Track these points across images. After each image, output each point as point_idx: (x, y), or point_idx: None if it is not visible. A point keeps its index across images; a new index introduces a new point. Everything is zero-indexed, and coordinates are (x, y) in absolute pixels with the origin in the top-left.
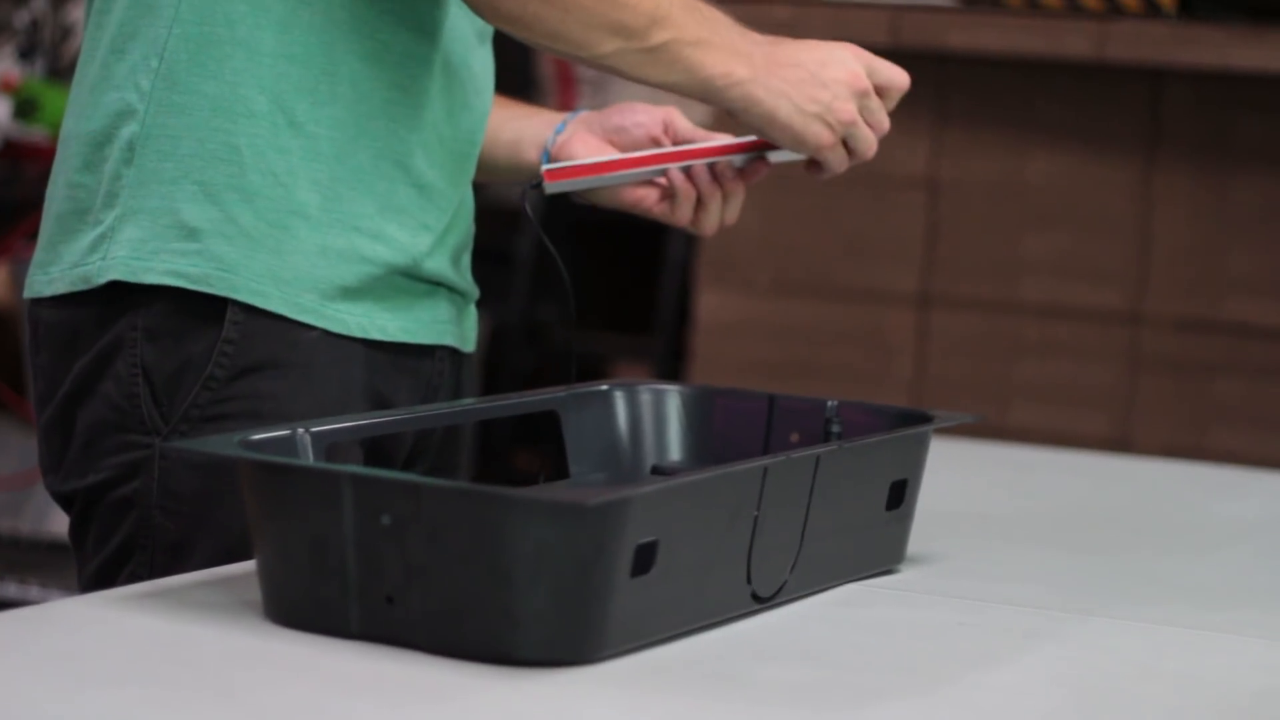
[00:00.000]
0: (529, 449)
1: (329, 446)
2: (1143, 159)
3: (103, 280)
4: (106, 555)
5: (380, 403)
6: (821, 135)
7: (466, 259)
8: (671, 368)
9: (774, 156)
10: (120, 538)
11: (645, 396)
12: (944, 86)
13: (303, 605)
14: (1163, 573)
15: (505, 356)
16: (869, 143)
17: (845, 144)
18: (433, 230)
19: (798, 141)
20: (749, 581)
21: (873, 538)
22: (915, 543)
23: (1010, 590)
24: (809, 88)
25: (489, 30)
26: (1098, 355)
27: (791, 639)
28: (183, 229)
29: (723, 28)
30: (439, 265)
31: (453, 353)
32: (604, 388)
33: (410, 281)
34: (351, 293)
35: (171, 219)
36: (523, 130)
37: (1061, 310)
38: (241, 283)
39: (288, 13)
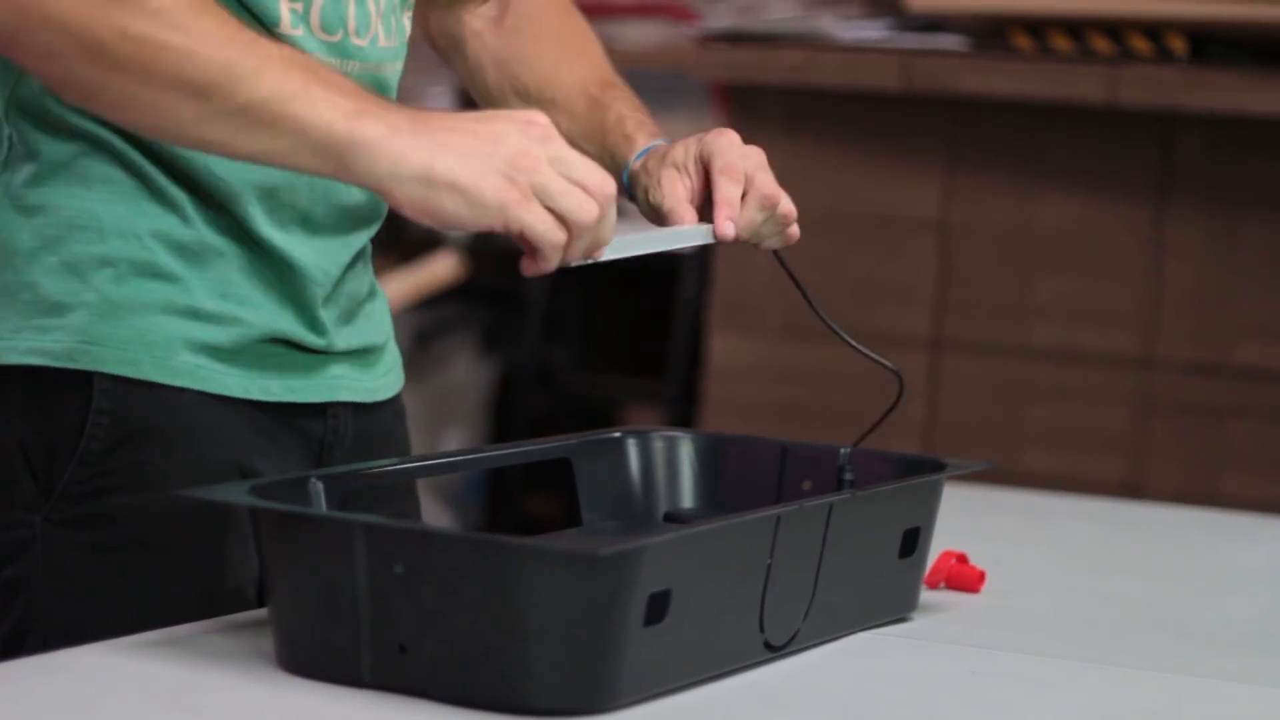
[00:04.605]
0: (541, 494)
1: (341, 495)
2: (1154, 203)
3: None
4: (1, 640)
5: (271, 464)
6: (500, 189)
7: (375, 306)
8: (683, 411)
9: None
10: (10, 624)
11: (658, 444)
12: (955, 130)
13: (315, 654)
14: (1176, 619)
15: (516, 400)
16: (577, 201)
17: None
18: (311, 305)
19: (472, 203)
20: (762, 630)
21: (885, 586)
22: (927, 590)
23: (1023, 638)
24: (472, 137)
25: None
26: (1109, 399)
27: (805, 688)
28: (43, 304)
29: (349, 85)
30: (328, 338)
31: (355, 407)
32: (616, 435)
33: (293, 351)
34: (226, 354)
35: (32, 294)
36: (616, 147)
37: (1073, 354)
38: (108, 354)
39: None
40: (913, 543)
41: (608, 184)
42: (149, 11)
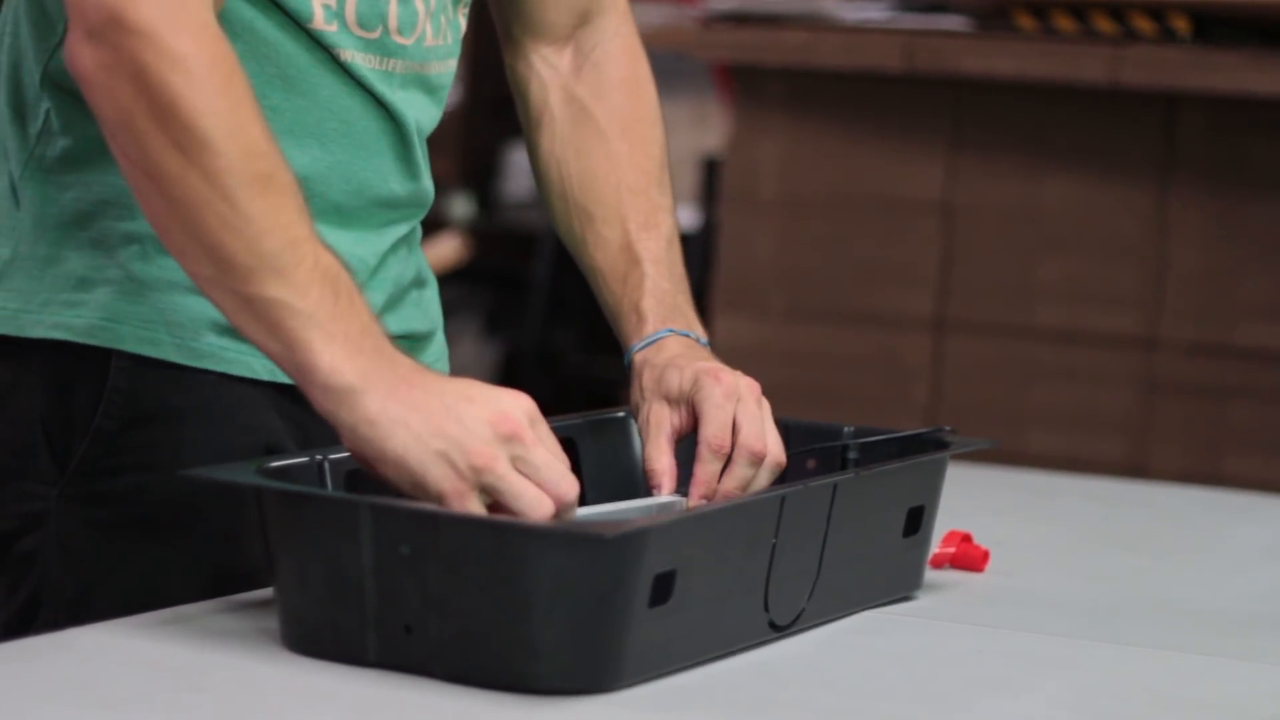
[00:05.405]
0: None
1: (348, 474)
2: (1158, 184)
3: None
4: (15, 610)
5: (302, 446)
6: (444, 479)
7: (424, 294)
8: None
9: None
10: (25, 594)
11: None
12: (958, 111)
13: (321, 634)
14: (1178, 599)
15: (520, 382)
16: (526, 499)
17: (490, 495)
18: None
19: (415, 484)
20: (767, 610)
21: (890, 565)
22: (932, 570)
23: (1027, 617)
24: (437, 418)
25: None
26: (1113, 380)
27: (809, 667)
28: (71, 279)
29: (355, 320)
30: None
31: None
32: (620, 415)
33: None
34: None
35: (61, 268)
36: (625, 318)
37: (1076, 335)
38: (129, 332)
39: None
40: (917, 521)
41: (568, 490)
42: (208, 171)
